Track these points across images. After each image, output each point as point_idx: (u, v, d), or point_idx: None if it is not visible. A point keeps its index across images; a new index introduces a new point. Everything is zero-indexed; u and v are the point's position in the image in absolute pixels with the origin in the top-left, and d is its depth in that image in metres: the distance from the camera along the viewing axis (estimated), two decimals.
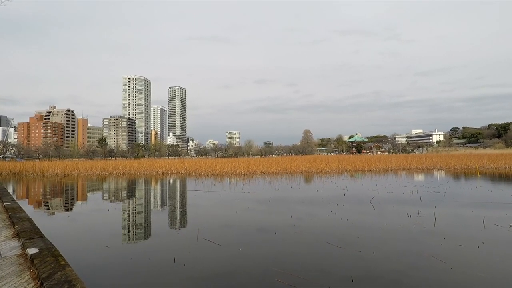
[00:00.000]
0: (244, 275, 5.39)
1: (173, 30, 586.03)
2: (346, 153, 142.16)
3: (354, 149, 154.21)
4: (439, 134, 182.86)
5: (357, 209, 11.54)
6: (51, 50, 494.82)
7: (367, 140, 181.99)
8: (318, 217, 10.04)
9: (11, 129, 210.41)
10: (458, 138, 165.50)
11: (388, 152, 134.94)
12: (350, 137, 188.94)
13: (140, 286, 5.00)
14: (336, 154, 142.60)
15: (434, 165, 36.88)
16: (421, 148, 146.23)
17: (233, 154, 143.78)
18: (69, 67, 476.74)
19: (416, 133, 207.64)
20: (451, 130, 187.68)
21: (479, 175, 25.71)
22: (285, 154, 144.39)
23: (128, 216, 11.51)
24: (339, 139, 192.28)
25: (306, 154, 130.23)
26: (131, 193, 18.67)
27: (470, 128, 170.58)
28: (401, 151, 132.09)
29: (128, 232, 8.94)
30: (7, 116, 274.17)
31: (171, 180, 26.77)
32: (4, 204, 9.29)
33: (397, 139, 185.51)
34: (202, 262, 6.02)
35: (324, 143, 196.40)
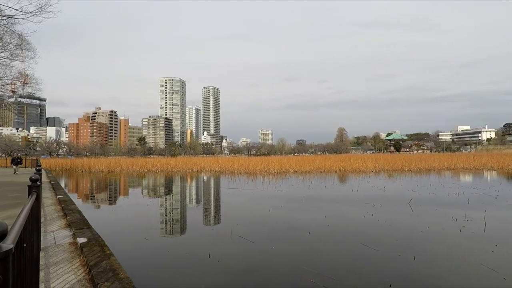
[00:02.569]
0: (277, 273, 5.38)
1: (203, 31, 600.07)
2: (383, 152, 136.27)
3: (392, 147, 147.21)
4: (490, 131, 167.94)
5: (396, 210, 11.00)
6: (95, 54, 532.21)
7: (406, 138, 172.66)
8: (354, 218, 9.73)
9: (63, 129, 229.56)
10: None
11: (431, 151, 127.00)
12: (388, 134, 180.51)
13: (177, 278, 5.20)
14: (372, 152, 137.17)
15: (484, 164, 34.02)
16: (468, 146, 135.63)
17: (266, 152, 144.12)
18: (110, 69, 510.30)
19: (463, 130, 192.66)
20: (504, 126, 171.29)
21: None
22: (318, 153, 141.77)
23: (166, 211, 12.02)
24: (375, 137, 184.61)
25: (341, 153, 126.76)
26: (168, 190, 19.47)
27: None
28: (445, 150, 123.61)
29: (166, 226, 9.33)
30: (60, 117, 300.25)
31: (205, 178, 27.50)
32: (58, 197, 10.16)
33: (440, 137, 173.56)
34: (235, 258, 6.12)
35: (359, 141, 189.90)
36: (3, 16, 15.01)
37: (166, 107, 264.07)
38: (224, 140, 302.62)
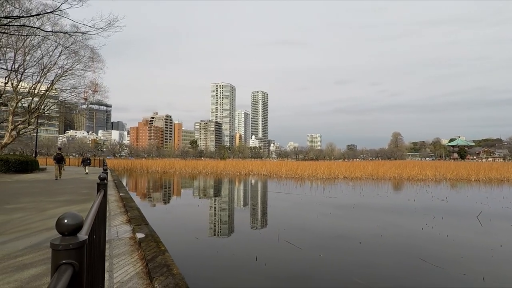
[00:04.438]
0: (325, 282, 5.21)
1: (253, 37, 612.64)
2: (445, 159, 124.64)
3: (455, 154, 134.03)
4: None
5: (460, 224, 9.94)
6: (153, 63, 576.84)
7: (473, 144, 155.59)
8: (410, 230, 9.02)
9: (125, 133, 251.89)
10: None
11: (504, 159, 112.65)
12: (451, 140, 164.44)
13: (225, 278, 5.33)
14: (432, 159, 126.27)
15: None
16: None
17: (314, 157, 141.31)
18: (167, 77, 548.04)
19: None
20: None
21: None
22: (370, 159, 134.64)
23: (215, 212, 12.43)
24: (436, 143, 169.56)
25: (396, 159, 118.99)
26: (218, 191, 20.13)
27: None
28: None
29: (215, 227, 9.64)
30: (122, 122, 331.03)
31: (253, 181, 27.86)
32: (120, 194, 11.14)
33: None
34: (282, 263, 6.07)
35: (417, 147, 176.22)
36: (79, 33, 17.07)
37: (217, 112, 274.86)
38: (272, 144, 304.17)
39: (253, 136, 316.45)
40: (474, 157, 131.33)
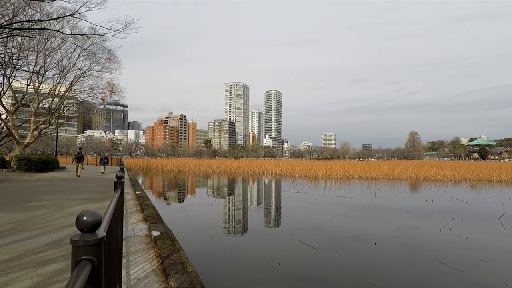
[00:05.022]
0: (339, 283, 5.15)
1: (268, 37, 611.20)
2: (464, 159, 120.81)
3: (476, 154, 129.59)
4: None
5: (481, 226, 9.60)
6: (168, 64, 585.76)
7: (495, 143, 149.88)
8: (428, 231, 8.79)
9: (141, 132, 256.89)
10: None
11: None
12: (471, 140, 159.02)
13: (239, 277, 5.35)
14: (451, 159, 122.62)
15: None
16: None
17: (328, 156, 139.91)
18: (181, 77, 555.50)
19: None
20: None
21: None
22: (386, 158, 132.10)
23: (229, 211, 12.51)
24: (455, 142, 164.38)
25: (412, 159, 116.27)
26: (231, 190, 20.24)
27: None
28: None
29: (229, 225, 9.70)
30: (138, 121, 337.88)
31: (266, 180, 27.85)
32: (136, 192, 11.37)
33: None
34: (296, 263, 6.04)
35: (435, 147, 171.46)
36: (97, 34, 17.52)
37: (230, 111, 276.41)
38: (285, 143, 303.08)
39: (267, 136, 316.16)
40: (496, 157, 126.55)
